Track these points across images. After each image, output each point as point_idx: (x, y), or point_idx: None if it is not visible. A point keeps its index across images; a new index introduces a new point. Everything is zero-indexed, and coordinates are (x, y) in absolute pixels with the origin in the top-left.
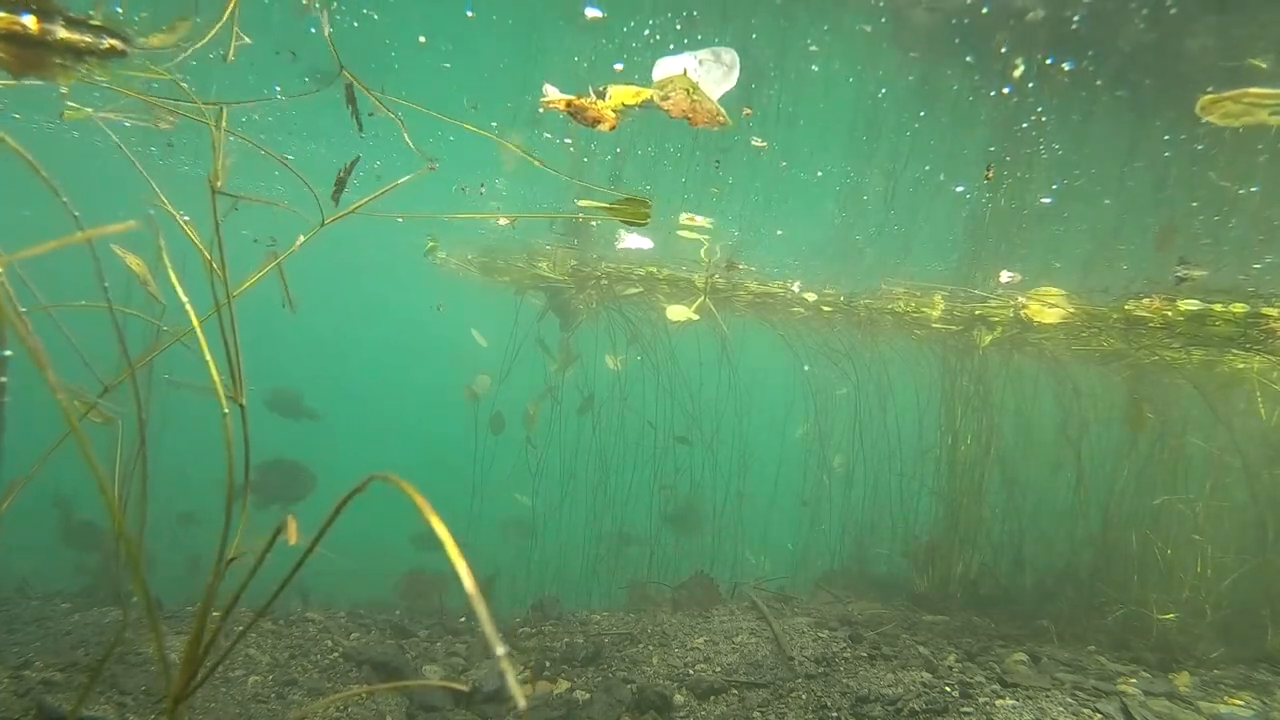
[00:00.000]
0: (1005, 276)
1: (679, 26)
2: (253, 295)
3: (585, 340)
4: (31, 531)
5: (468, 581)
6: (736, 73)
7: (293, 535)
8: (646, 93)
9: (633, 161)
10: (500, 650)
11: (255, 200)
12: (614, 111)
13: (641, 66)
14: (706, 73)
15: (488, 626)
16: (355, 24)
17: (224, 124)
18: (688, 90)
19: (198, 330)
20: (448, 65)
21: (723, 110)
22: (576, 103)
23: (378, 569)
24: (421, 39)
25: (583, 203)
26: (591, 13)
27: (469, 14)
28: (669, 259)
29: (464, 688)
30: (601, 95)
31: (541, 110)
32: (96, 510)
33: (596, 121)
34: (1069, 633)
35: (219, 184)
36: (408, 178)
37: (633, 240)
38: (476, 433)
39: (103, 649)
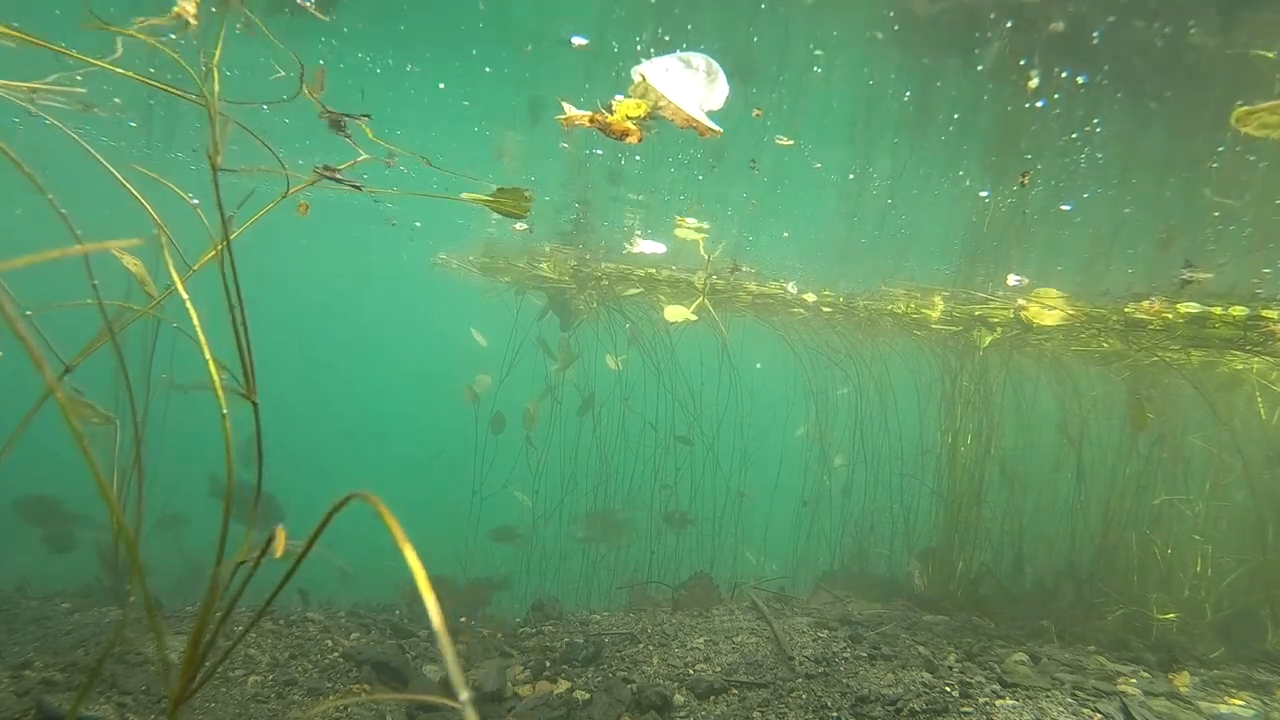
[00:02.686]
0: (1013, 279)
1: (668, 38)
2: (253, 297)
3: (586, 340)
4: (32, 531)
5: (435, 616)
6: (721, 80)
7: (280, 547)
8: (646, 105)
9: (647, 169)
10: (465, 696)
11: (258, 170)
12: (633, 122)
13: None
14: (676, 79)
15: (448, 653)
16: (377, 70)
17: (217, 89)
18: (655, 98)
19: (196, 325)
20: (466, 103)
21: (695, 117)
22: (599, 118)
23: (375, 569)
24: (441, 85)
25: (466, 195)
26: (578, 41)
27: (486, 70)
28: (689, 263)
29: (457, 705)
30: (609, 109)
31: (565, 128)
32: (90, 511)
33: (624, 134)
34: (1069, 633)
35: (218, 159)
36: (357, 160)
37: (647, 245)
38: (476, 432)
39: (102, 649)
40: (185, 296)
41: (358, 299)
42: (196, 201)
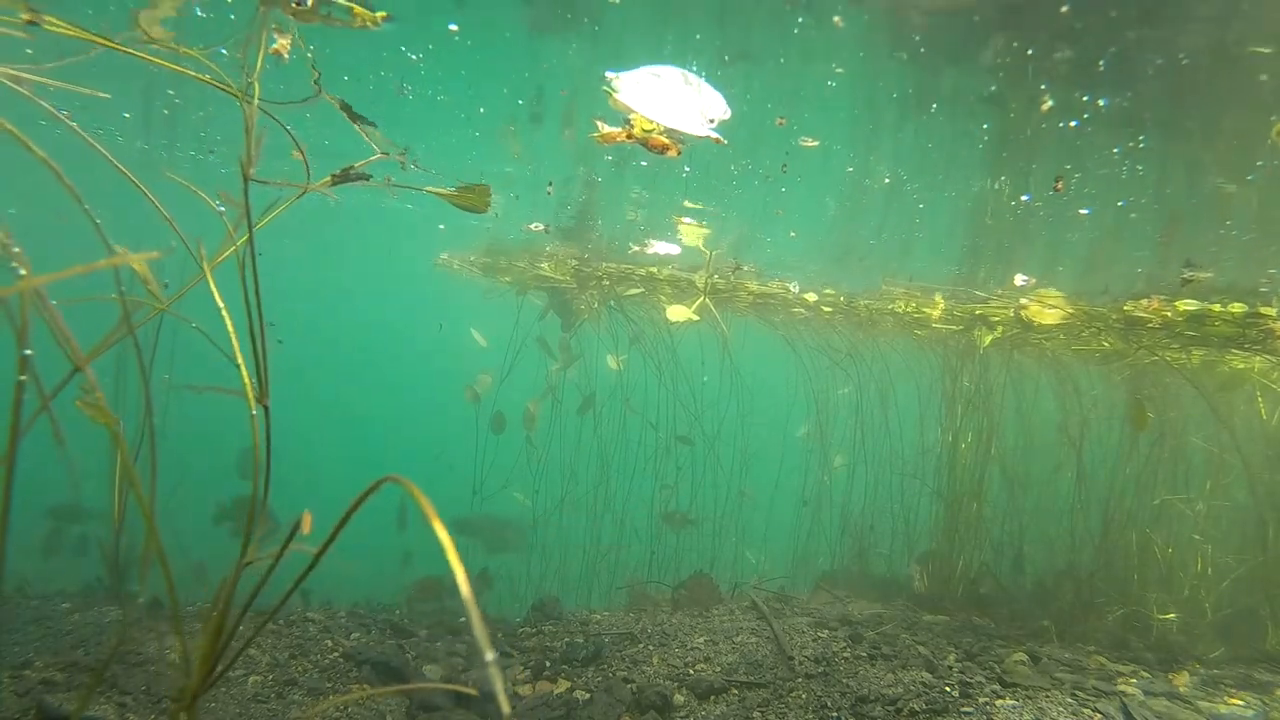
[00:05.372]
0: (1020, 280)
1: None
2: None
3: (587, 340)
4: (32, 531)
5: (464, 587)
6: (707, 89)
7: (307, 525)
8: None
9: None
10: (490, 656)
11: (283, 185)
12: (663, 136)
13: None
14: (647, 92)
15: (479, 629)
16: (409, 95)
17: (257, 99)
18: (637, 120)
19: (229, 329)
20: (512, 127)
21: (661, 124)
22: (637, 135)
23: (374, 569)
24: (481, 110)
25: (429, 189)
26: (610, 75)
27: (519, 102)
28: (697, 263)
29: (472, 691)
30: (629, 124)
31: (602, 144)
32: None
33: (665, 149)
34: (1069, 633)
35: (250, 170)
36: (368, 160)
37: (661, 246)
38: (477, 432)
39: (103, 649)
40: (220, 302)
41: (358, 299)
42: (223, 209)
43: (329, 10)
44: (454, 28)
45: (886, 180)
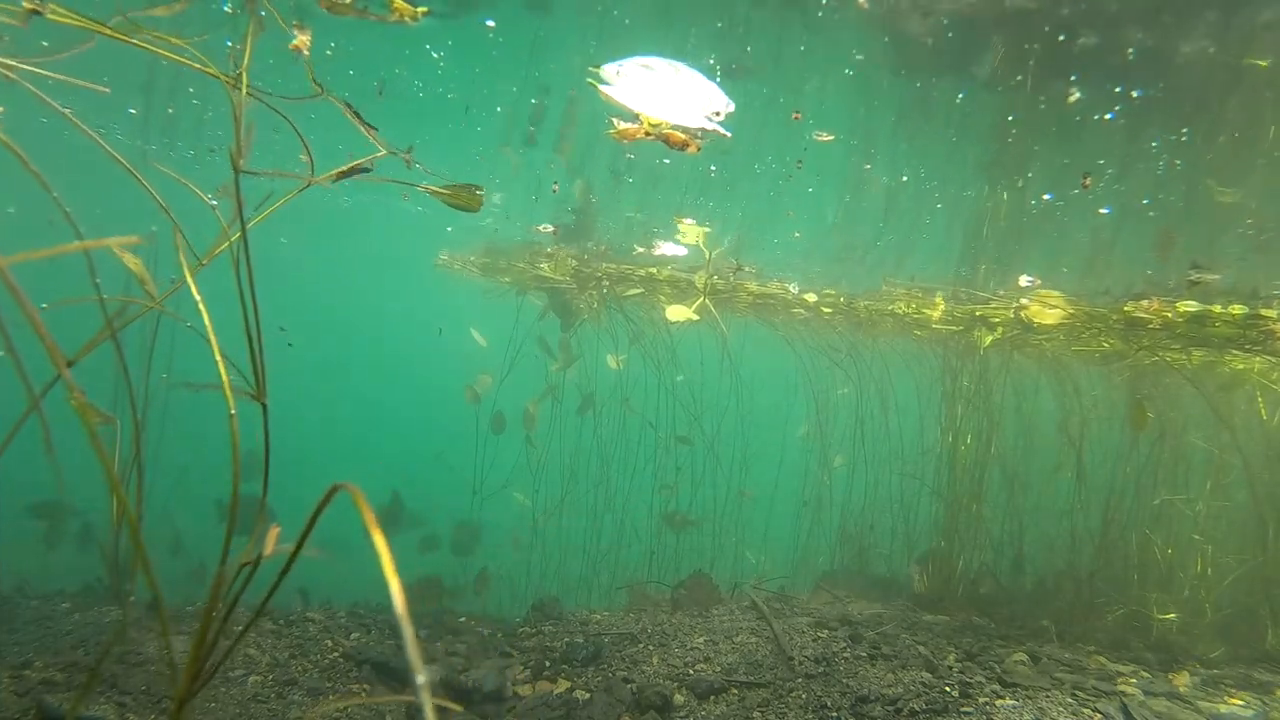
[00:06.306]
0: (1025, 280)
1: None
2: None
3: (587, 339)
4: (31, 531)
5: (398, 599)
6: (702, 81)
7: (270, 545)
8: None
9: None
10: (421, 679)
11: (277, 175)
12: (680, 131)
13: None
14: (636, 84)
15: (412, 648)
16: (420, 94)
17: (245, 87)
18: (641, 115)
19: (208, 326)
20: (490, 129)
21: (645, 116)
22: (655, 132)
23: (370, 566)
24: (499, 109)
25: (422, 187)
26: (597, 68)
27: (532, 102)
28: (697, 264)
29: (457, 708)
30: (637, 120)
31: (624, 141)
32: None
33: (684, 145)
34: (1069, 633)
35: (241, 161)
36: (369, 158)
37: (668, 248)
38: (477, 432)
39: (102, 648)
40: (197, 296)
41: (356, 297)
42: (215, 203)
43: (365, 4)
44: (491, 24)
45: (904, 179)
